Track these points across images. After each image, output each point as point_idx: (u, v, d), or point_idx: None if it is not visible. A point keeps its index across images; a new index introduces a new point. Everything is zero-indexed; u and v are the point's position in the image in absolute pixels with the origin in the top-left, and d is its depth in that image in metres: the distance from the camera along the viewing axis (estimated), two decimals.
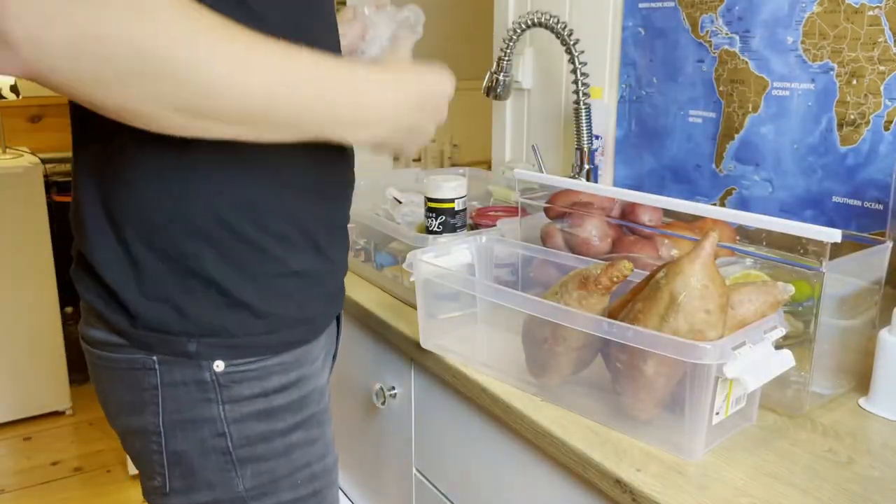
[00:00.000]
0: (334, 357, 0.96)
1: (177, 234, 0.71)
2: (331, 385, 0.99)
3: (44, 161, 2.74)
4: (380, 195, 1.44)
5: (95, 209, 0.73)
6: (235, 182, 0.71)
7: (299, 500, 0.81)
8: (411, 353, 1.03)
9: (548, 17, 1.30)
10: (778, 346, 0.74)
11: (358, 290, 1.21)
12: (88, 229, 0.74)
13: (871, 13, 1.02)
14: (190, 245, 0.71)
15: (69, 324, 2.86)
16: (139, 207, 0.71)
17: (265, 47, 0.61)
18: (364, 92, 0.69)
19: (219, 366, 0.74)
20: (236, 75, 0.58)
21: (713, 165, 1.26)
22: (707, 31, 1.23)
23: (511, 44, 1.31)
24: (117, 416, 0.80)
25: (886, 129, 1.02)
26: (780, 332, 0.74)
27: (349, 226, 1.34)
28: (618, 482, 0.70)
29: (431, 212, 1.17)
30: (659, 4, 1.30)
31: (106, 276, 0.73)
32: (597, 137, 1.38)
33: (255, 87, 0.60)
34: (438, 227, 1.17)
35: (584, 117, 1.35)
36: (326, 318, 0.84)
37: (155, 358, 0.74)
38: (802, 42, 1.10)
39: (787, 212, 1.16)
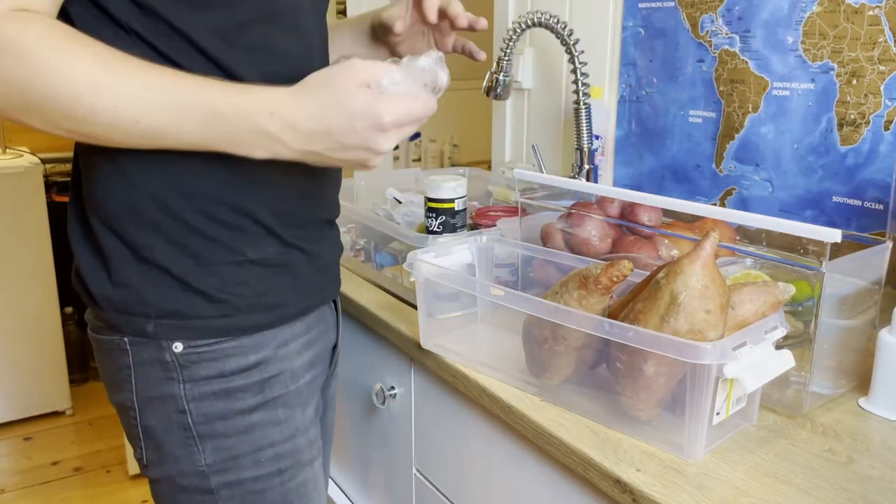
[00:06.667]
0: (335, 346, 0.97)
1: (131, 225, 0.76)
2: (336, 377, 1.00)
3: (44, 161, 2.74)
4: (380, 195, 1.44)
5: (74, 202, 0.81)
6: (182, 175, 0.76)
7: (262, 478, 0.85)
8: (411, 353, 1.03)
9: (548, 17, 1.30)
10: (778, 346, 0.74)
11: (358, 290, 1.21)
12: (69, 221, 0.81)
13: (871, 13, 1.02)
14: (143, 234, 0.77)
15: (69, 324, 2.86)
16: (98, 199, 0.77)
17: (132, 72, 0.67)
18: (240, 112, 0.68)
19: (178, 347, 0.79)
20: (111, 109, 0.66)
21: (713, 165, 1.26)
22: (707, 31, 1.23)
23: (511, 44, 1.31)
24: (109, 392, 0.86)
25: (886, 129, 1.02)
26: (780, 333, 0.74)
27: (350, 225, 1.33)
28: (618, 482, 0.70)
29: (431, 212, 1.17)
30: (659, 4, 1.30)
31: (80, 263, 0.80)
32: (597, 137, 1.38)
33: (129, 117, 0.66)
34: (438, 227, 1.17)
35: (584, 117, 1.35)
36: (299, 305, 0.86)
37: (126, 339, 0.80)
38: (802, 42, 1.10)
39: (787, 212, 1.16)
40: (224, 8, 0.74)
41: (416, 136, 3.30)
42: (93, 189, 0.77)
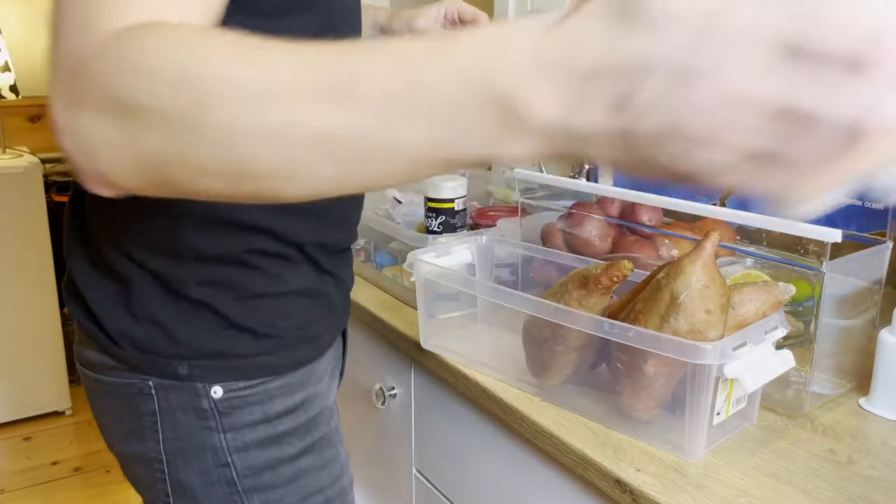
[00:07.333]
0: (342, 373, 0.95)
1: (160, 253, 0.68)
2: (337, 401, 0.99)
3: (43, 161, 2.74)
4: (380, 195, 1.44)
5: (75, 223, 0.72)
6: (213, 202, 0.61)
7: None
8: (411, 353, 1.03)
9: None
10: (778, 346, 0.74)
11: (358, 290, 1.21)
12: (68, 241, 0.73)
13: None
14: (175, 265, 0.68)
15: (69, 324, 2.86)
16: (115, 222, 0.68)
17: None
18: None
19: (216, 392, 0.71)
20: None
21: None
22: None
23: None
24: (117, 441, 0.78)
25: None
26: (781, 333, 0.74)
27: None
28: (618, 482, 0.70)
29: (431, 212, 1.17)
30: None
31: (87, 293, 0.71)
32: None
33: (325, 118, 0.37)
34: (438, 227, 1.17)
35: None
36: (332, 334, 0.82)
37: (151, 382, 0.71)
38: None
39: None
40: (298, 16, 0.64)
41: None
42: (108, 210, 0.68)
